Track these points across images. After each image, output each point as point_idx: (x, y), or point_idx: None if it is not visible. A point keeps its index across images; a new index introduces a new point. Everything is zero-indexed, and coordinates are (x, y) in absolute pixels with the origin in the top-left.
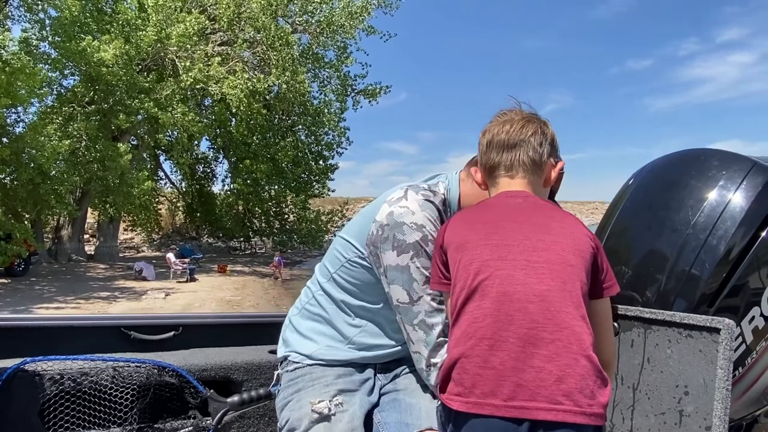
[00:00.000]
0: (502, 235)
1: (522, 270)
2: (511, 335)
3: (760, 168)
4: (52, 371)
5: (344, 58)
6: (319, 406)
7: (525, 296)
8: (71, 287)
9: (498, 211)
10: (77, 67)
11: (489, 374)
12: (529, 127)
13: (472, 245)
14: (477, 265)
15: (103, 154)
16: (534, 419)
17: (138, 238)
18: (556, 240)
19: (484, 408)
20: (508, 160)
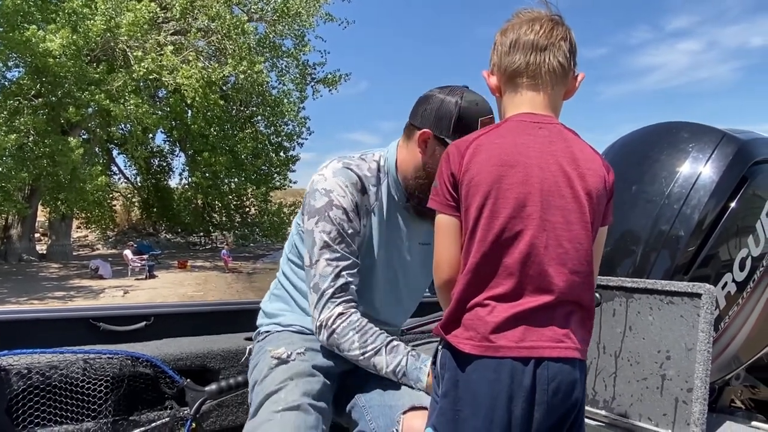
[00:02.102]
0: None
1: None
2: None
3: (730, 139)
4: (19, 366)
5: (302, 47)
6: (278, 352)
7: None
8: (23, 288)
9: (528, 153)
10: (22, 59)
11: (503, 321)
12: (558, 29)
13: (502, 201)
14: (503, 221)
15: (52, 149)
16: (539, 357)
17: (92, 236)
18: (581, 203)
19: (498, 350)
20: (535, 65)
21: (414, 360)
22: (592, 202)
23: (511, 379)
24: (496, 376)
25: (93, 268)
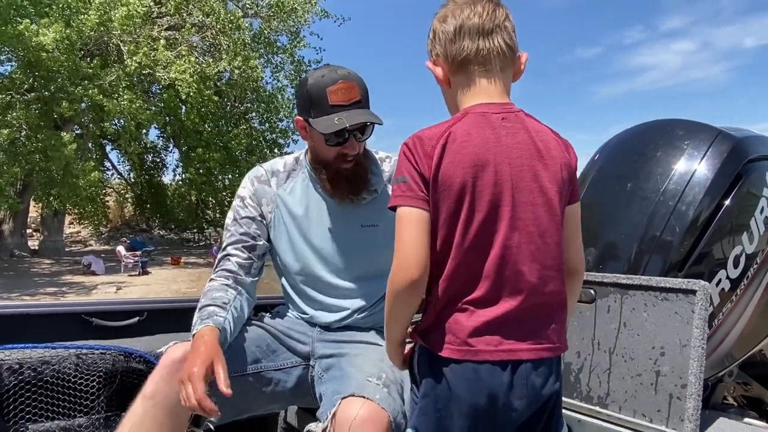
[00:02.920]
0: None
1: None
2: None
3: (725, 137)
4: (10, 361)
5: (297, 43)
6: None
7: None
8: (15, 283)
9: (496, 150)
10: (14, 53)
11: (482, 325)
12: (500, 10)
13: (477, 204)
14: (478, 225)
15: (45, 144)
16: (518, 359)
17: (85, 232)
18: (548, 196)
19: (477, 354)
20: (486, 50)
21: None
22: (559, 192)
23: (491, 380)
24: (476, 377)
25: (85, 264)
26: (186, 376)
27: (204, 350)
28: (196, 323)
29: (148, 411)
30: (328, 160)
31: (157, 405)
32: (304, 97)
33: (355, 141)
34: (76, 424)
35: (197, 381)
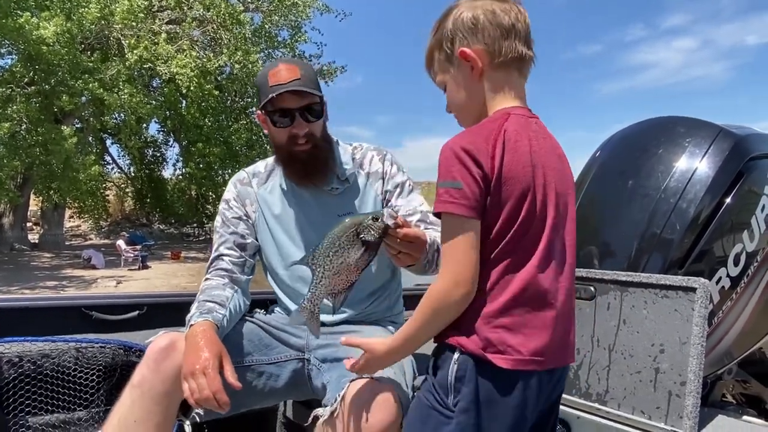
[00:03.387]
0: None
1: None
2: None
3: (727, 134)
4: (10, 354)
5: (298, 37)
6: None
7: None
8: (15, 277)
9: (540, 153)
10: (15, 46)
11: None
12: (524, 10)
13: (535, 205)
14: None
15: (45, 138)
16: (554, 368)
17: (85, 226)
18: (572, 198)
19: (528, 365)
20: (528, 57)
21: (198, 314)
22: (574, 198)
23: (537, 389)
24: (524, 389)
25: (85, 258)
26: (193, 370)
27: (208, 344)
28: (194, 315)
29: (135, 400)
30: (282, 144)
31: (145, 394)
32: (256, 89)
33: (303, 121)
34: (75, 417)
35: (213, 372)
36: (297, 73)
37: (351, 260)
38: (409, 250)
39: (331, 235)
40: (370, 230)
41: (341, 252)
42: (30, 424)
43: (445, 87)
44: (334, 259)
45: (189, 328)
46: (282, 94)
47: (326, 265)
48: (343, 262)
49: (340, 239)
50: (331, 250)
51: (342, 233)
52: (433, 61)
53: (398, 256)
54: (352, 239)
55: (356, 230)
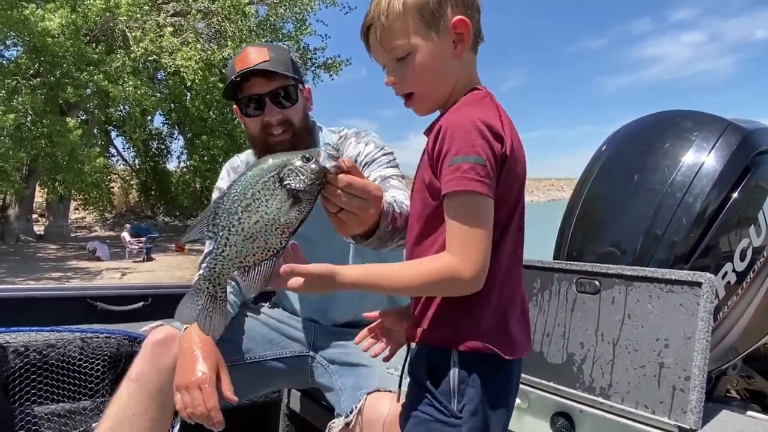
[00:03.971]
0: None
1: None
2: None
3: (734, 129)
4: (16, 343)
5: (303, 30)
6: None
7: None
8: (21, 268)
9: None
10: (20, 38)
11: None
12: None
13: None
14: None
15: (50, 130)
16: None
17: (90, 218)
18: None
19: (520, 353)
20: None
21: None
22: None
23: (517, 377)
24: (516, 377)
25: (90, 249)
26: (188, 383)
27: (205, 355)
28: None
29: (132, 394)
30: (256, 135)
31: (142, 387)
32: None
33: (274, 107)
34: (80, 406)
35: (210, 388)
36: (265, 55)
37: (271, 218)
38: (355, 209)
39: (241, 181)
40: (298, 174)
41: (256, 206)
42: (35, 413)
43: (408, 55)
44: (244, 217)
45: (184, 331)
46: (249, 78)
47: (233, 226)
48: (258, 221)
49: (254, 187)
50: (239, 204)
51: (257, 179)
52: (396, 16)
53: (339, 217)
54: (272, 188)
55: (278, 174)
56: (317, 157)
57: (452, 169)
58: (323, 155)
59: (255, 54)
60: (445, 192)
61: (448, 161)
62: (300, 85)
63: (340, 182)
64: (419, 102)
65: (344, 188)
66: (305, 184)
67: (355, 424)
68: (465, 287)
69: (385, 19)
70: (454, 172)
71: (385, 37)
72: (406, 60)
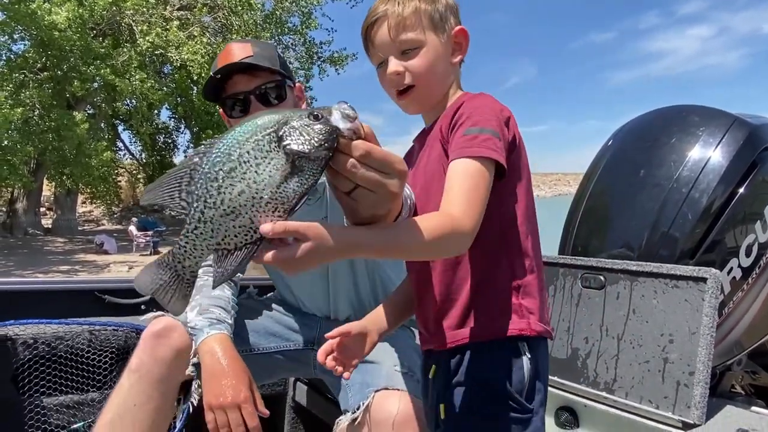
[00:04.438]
0: None
1: None
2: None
3: (741, 123)
4: (25, 335)
5: (309, 23)
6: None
7: None
8: (29, 261)
9: None
10: (27, 31)
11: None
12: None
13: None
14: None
15: (58, 124)
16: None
17: (97, 211)
18: None
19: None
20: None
21: (208, 324)
22: None
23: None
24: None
25: (98, 243)
26: (223, 403)
27: (237, 371)
28: (203, 324)
29: (134, 384)
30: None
31: (143, 378)
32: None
33: (260, 105)
34: (89, 398)
35: (251, 408)
36: (249, 51)
37: (261, 188)
38: (373, 186)
39: (226, 138)
40: (303, 134)
41: (242, 171)
42: (44, 404)
43: (415, 49)
44: (226, 185)
45: (201, 341)
46: (231, 76)
47: (210, 196)
48: (244, 192)
49: (243, 146)
50: (221, 167)
51: (248, 135)
52: (411, 12)
53: (350, 198)
54: (267, 148)
55: (276, 132)
56: (328, 115)
57: (468, 137)
58: (336, 114)
59: (238, 50)
60: (460, 156)
61: (463, 131)
62: (289, 81)
63: (356, 150)
64: (417, 96)
65: (361, 158)
66: (312, 147)
67: (363, 421)
68: (463, 241)
69: (401, 9)
70: (471, 140)
71: (397, 27)
72: (411, 54)
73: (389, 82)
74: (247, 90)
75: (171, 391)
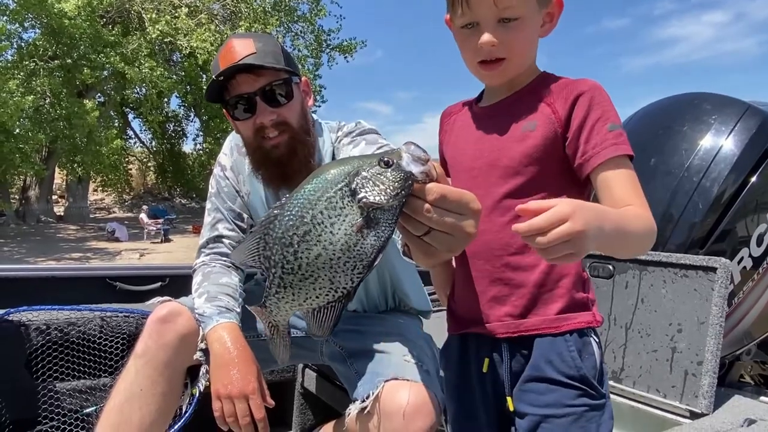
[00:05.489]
0: None
1: None
2: None
3: (754, 111)
4: (38, 321)
5: (317, 10)
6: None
7: None
8: (41, 248)
9: None
10: (38, 19)
11: None
12: None
13: None
14: None
15: (68, 112)
16: None
17: (109, 199)
18: None
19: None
20: None
21: (217, 312)
22: None
23: None
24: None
25: (109, 230)
26: (231, 392)
27: (245, 362)
28: (212, 311)
29: (140, 369)
30: (250, 141)
31: (148, 363)
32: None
33: (267, 106)
34: (101, 383)
35: (259, 399)
36: (251, 47)
37: (338, 249)
38: (449, 229)
39: (297, 198)
40: (377, 184)
41: (317, 233)
42: (57, 389)
43: (516, 20)
44: (302, 249)
45: (210, 329)
46: (234, 76)
47: (287, 262)
48: (321, 255)
49: (315, 207)
50: (295, 231)
51: (319, 194)
52: None
53: (424, 241)
54: (341, 205)
55: (349, 185)
56: (398, 159)
57: (615, 134)
58: (406, 157)
59: (240, 47)
60: (616, 154)
61: (607, 126)
62: (295, 77)
63: (431, 194)
64: (505, 70)
65: (435, 202)
66: (388, 197)
67: (373, 410)
68: (653, 240)
69: None
70: (618, 137)
71: None
72: (510, 25)
73: (476, 50)
74: (251, 91)
75: (177, 376)
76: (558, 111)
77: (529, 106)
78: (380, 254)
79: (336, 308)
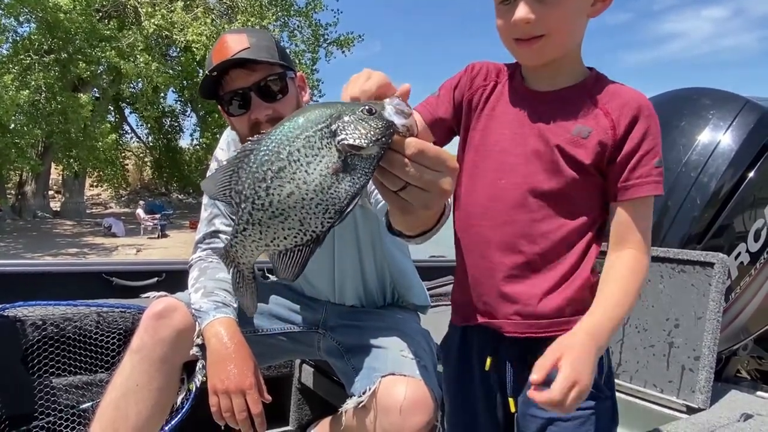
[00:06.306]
0: None
1: None
2: None
3: (752, 107)
4: (34, 317)
5: (314, 4)
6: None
7: None
8: (38, 244)
9: None
10: (33, 13)
11: None
12: None
13: None
14: None
15: (64, 106)
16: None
17: (105, 194)
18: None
19: None
20: None
21: (214, 307)
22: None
23: None
24: None
25: (106, 226)
26: (227, 387)
27: (242, 357)
28: (208, 306)
29: (135, 365)
30: (246, 137)
31: (144, 358)
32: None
33: (261, 101)
34: (97, 379)
35: (256, 395)
36: (245, 42)
37: (311, 189)
38: (425, 185)
39: (275, 134)
40: (358, 129)
41: (292, 170)
42: (53, 384)
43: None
44: (274, 186)
45: (207, 324)
46: (228, 71)
47: (258, 197)
48: (293, 193)
49: (293, 143)
50: (270, 166)
51: (299, 131)
52: None
53: (400, 197)
54: (319, 145)
55: (329, 127)
56: (381, 110)
57: (659, 171)
58: (390, 108)
59: (233, 42)
60: (655, 193)
61: (655, 161)
62: (290, 72)
63: (409, 148)
64: (543, 48)
65: (414, 156)
66: (368, 141)
67: (370, 405)
68: (646, 277)
69: None
70: (660, 175)
71: None
72: (551, 1)
73: (512, 27)
74: (246, 86)
75: (173, 371)
76: (616, 127)
77: (584, 109)
78: (353, 202)
79: (303, 252)
